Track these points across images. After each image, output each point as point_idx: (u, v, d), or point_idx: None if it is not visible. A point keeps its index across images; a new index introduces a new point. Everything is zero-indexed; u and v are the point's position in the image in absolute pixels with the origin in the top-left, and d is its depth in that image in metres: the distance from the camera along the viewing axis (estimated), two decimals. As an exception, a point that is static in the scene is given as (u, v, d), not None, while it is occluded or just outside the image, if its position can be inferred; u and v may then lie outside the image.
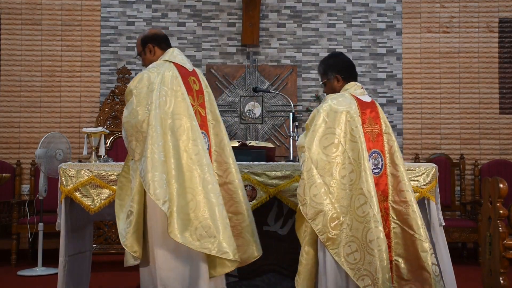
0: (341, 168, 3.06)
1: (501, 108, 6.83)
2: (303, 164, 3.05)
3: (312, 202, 2.99)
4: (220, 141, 3.36)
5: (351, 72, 3.37)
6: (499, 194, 3.70)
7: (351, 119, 3.13)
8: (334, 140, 3.07)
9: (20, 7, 6.76)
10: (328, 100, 3.18)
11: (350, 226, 3.01)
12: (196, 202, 3.03)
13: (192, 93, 3.28)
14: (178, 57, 3.36)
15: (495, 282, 3.68)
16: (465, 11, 6.90)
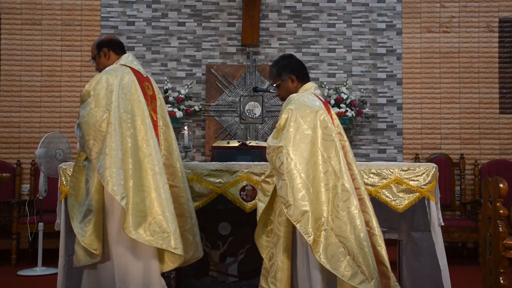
0: (319, 167, 3.05)
1: (501, 108, 6.83)
2: (283, 164, 3.00)
3: (297, 203, 2.95)
4: (169, 146, 3.51)
5: (304, 72, 3.40)
6: (499, 194, 3.70)
7: (322, 118, 3.15)
8: (309, 139, 3.07)
9: (20, 7, 6.76)
10: (297, 100, 3.18)
11: (334, 225, 3.00)
12: (150, 200, 3.18)
13: (146, 97, 3.43)
14: (134, 62, 3.50)
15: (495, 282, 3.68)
16: (465, 11, 6.90)
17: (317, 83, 6.77)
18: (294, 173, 2.98)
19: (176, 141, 3.58)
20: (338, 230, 2.98)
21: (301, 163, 3.01)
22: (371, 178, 4.02)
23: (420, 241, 4.16)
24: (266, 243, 3.24)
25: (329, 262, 2.93)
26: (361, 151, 6.78)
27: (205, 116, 6.75)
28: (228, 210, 4.25)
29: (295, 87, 3.34)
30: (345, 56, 6.89)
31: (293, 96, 3.22)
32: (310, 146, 3.06)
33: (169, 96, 6.58)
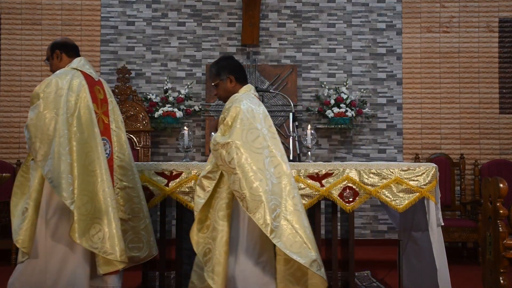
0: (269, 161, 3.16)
1: (501, 108, 6.83)
2: (233, 159, 3.08)
3: (251, 195, 3.03)
4: (122, 148, 3.62)
5: (243, 74, 3.49)
6: (499, 194, 3.70)
7: (266, 117, 3.30)
8: (259, 134, 3.18)
9: (20, 7, 6.76)
10: (241, 98, 3.28)
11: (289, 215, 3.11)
12: (92, 205, 3.29)
13: (96, 101, 3.54)
14: (86, 66, 3.59)
15: (495, 282, 3.68)
16: (465, 11, 6.90)
17: (317, 83, 6.79)
18: (246, 167, 3.06)
19: (127, 142, 3.71)
20: (295, 220, 3.10)
21: (252, 158, 3.09)
22: (371, 178, 4.02)
23: (420, 241, 4.17)
24: (201, 239, 3.28)
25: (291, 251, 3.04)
26: (361, 151, 6.78)
27: (205, 116, 6.75)
28: (228, 210, 4.25)
29: (233, 88, 3.43)
30: (345, 56, 6.89)
31: (237, 96, 3.31)
32: (259, 142, 3.15)
33: (169, 96, 6.58)
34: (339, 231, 4.42)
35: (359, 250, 5.10)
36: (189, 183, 3.93)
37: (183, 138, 4.48)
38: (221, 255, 3.14)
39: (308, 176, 4.00)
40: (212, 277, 3.14)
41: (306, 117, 6.80)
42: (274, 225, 3.01)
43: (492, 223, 3.75)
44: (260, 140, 3.15)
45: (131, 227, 3.52)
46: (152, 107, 6.54)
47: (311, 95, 6.84)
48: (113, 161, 3.53)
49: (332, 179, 4.01)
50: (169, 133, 6.68)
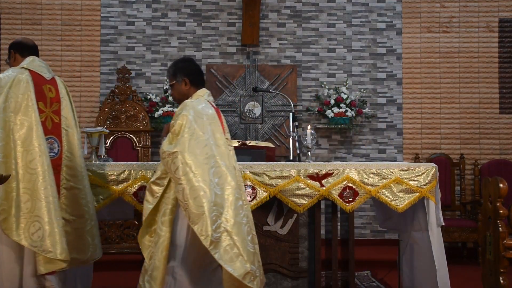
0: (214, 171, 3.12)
1: (501, 108, 6.83)
2: (178, 169, 3.05)
3: (194, 206, 3.01)
4: (72, 148, 3.61)
5: (199, 78, 3.45)
6: (499, 194, 3.71)
7: (215, 126, 3.25)
8: (205, 144, 3.14)
9: (20, 7, 6.76)
10: (192, 106, 3.23)
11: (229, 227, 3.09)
12: (32, 203, 3.28)
13: (45, 100, 3.52)
14: (36, 65, 3.56)
15: (495, 282, 3.68)
16: (465, 11, 6.90)
17: (317, 83, 6.79)
18: (190, 177, 3.04)
19: (80, 143, 3.71)
20: (235, 231, 3.09)
21: (197, 167, 3.06)
22: (371, 178, 4.02)
23: (420, 241, 4.17)
24: (149, 242, 3.26)
25: (226, 263, 3.03)
26: (361, 151, 6.78)
27: (205, 116, 6.74)
28: (228, 210, 4.25)
29: (188, 91, 3.39)
30: (345, 56, 6.89)
31: (188, 103, 3.27)
32: (205, 151, 3.12)
33: (169, 96, 6.58)
34: (339, 231, 4.42)
35: (359, 250, 5.10)
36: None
37: (183, 138, 4.47)
38: (160, 260, 3.13)
39: (308, 176, 4.00)
40: (150, 282, 3.14)
41: (306, 117, 6.80)
42: (214, 236, 3.00)
43: (492, 223, 3.75)
44: (206, 150, 3.11)
45: (75, 229, 3.49)
46: (152, 107, 6.54)
47: (311, 95, 6.84)
48: (61, 160, 3.51)
49: (332, 179, 4.01)
50: (169, 133, 6.67)
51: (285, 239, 4.30)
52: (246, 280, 3.04)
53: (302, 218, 4.33)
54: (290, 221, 4.31)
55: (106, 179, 3.87)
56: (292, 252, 4.30)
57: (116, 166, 3.94)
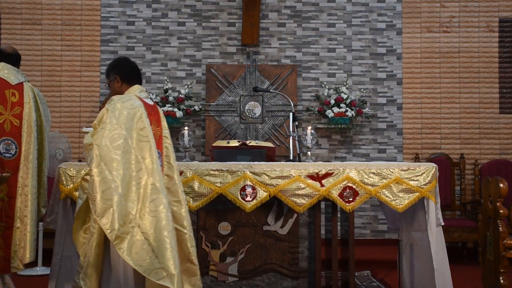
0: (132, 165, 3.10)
1: (501, 108, 6.83)
2: (92, 161, 3.06)
3: (102, 199, 3.00)
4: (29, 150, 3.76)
5: (132, 75, 3.49)
6: (499, 193, 3.71)
7: (139, 120, 3.22)
8: (122, 138, 3.11)
9: (20, 7, 6.76)
10: (115, 100, 3.24)
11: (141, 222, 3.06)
12: None
13: (5, 104, 3.73)
14: (4, 71, 3.78)
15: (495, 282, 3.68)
16: (465, 11, 6.90)
17: (317, 83, 6.79)
18: (102, 169, 3.03)
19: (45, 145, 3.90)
20: (145, 227, 3.05)
21: (111, 160, 3.05)
22: (371, 178, 4.02)
23: (420, 241, 4.17)
24: (83, 239, 3.26)
25: (133, 259, 3.00)
26: (361, 151, 6.78)
27: (205, 116, 6.75)
28: (228, 210, 4.26)
29: (120, 88, 3.42)
30: (345, 56, 6.89)
31: (114, 98, 3.29)
32: (123, 145, 3.10)
33: (169, 96, 6.58)
34: (339, 231, 4.42)
35: (359, 250, 5.10)
36: (189, 183, 3.94)
37: (183, 138, 4.48)
38: (93, 256, 3.12)
39: (308, 176, 4.00)
40: (84, 279, 3.13)
41: (306, 117, 6.80)
42: (121, 231, 2.98)
43: (492, 223, 3.75)
44: (123, 143, 3.09)
45: None
46: (152, 107, 6.54)
47: (311, 95, 6.84)
48: (19, 161, 3.70)
49: (332, 179, 4.01)
50: (169, 133, 6.67)
51: (285, 239, 4.31)
52: (154, 277, 3.00)
53: (302, 218, 4.33)
54: (290, 221, 4.31)
55: None
56: (292, 252, 4.31)
57: (116, 166, 3.93)
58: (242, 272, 4.26)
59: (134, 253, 3.00)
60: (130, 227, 3.01)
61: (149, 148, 3.17)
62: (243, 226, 4.30)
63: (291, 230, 4.31)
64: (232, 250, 4.28)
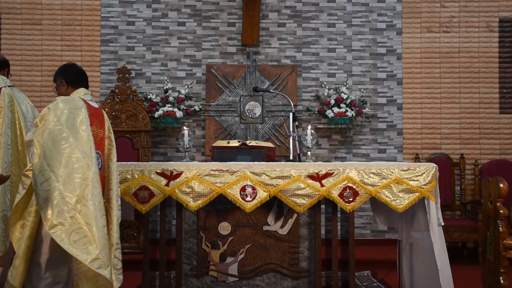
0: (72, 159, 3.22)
1: (501, 108, 6.83)
2: (33, 156, 3.21)
3: (42, 191, 3.13)
4: None
5: (78, 79, 3.61)
6: (499, 193, 3.71)
7: (80, 119, 3.35)
8: (63, 134, 3.25)
9: (20, 7, 6.76)
10: (58, 101, 3.38)
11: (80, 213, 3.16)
12: None
13: None
14: None
15: (495, 282, 3.68)
16: (465, 11, 6.90)
17: (317, 83, 6.80)
18: (42, 165, 3.16)
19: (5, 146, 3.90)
20: (86, 218, 3.16)
21: (50, 155, 3.18)
22: (371, 178, 4.02)
23: (420, 241, 4.17)
24: (19, 234, 3.36)
25: (72, 247, 3.10)
26: (361, 151, 6.78)
27: (205, 116, 6.75)
28: (228, 210, 4.26)
29: (66, 91, 3.56)
30: (345, 56, 6.89)
31: (58, 98, 3.43)
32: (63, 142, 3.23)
33: (169, 96, 6.58)
34: (339, 231, 4.42)
35: (359, 250, 5.11)
36: (189, 183, 3.94)
37: (183, 138, 4.48)
38: (22, 249, 3.22)
39: (308, 176, 4.00)
40: (12, 270, 3.22)
41: (306, 117, 6.80)
42: (58, 221, 3.09)
43: (492, 223, 3.76)
44: (62, 140, 3.22)
45: None
46: (152, 107, 6.55)
47: (311, 95, 6.84)
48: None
49: (332, 179, 4.01)
50: (169, 133, 6.68)
51: (285, 239, 4.31)
52: (94, 266, 3.09)
53: (302, 218, 4.33)
54: (290, 221, 4.31)
55: None
56: (292, 252, 4.31)
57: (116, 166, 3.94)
58: (242, 272, 4.27)
59: (73, 241, 3.10)
60: (68, 217, 3.11)
61: (88, 146, 3.30)
62: (243, 226, 4.30)
63: (291, 230, 4.31)
64: (232, 250, 4.28)
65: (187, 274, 4.27)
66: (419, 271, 4.20)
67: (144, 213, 4.01)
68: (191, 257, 4.29)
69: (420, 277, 4.19)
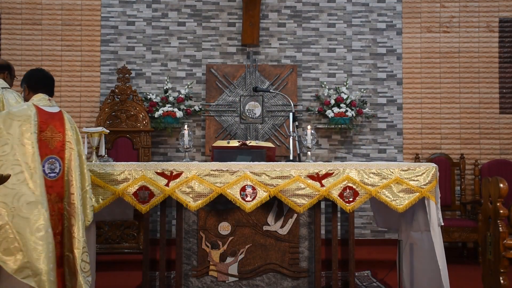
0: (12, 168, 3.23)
1: (501, 108, 6.83)
2: None
3: None
4: None
5: (38, 85, 3.67)
6: (499, 194, 3.71)
7: (26, 127, 3.36)
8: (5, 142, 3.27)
9: (20, 7, 6.76)
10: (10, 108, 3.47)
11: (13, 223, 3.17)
12: None
13: None
14: None
15: (495, 282, 3.68)
16: (465, 11, 6.90)
17: (317, 83, 6.79)
18: None
19: None
20: (17, 227, 3.17)
21: None
22: (371, 178, 4.02)
23: (420, 241, 4.17)
24: None
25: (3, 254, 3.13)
26: (361, 151, 6.78)
27: (205, 116, 6.75)
28: (228, 210, 4.26)
29: (28, 96, 3.65)
30: (345, 56, 6.89)
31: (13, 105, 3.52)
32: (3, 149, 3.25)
33: (169, 96, 6.58)
34: (339, 231, 4.42)
35: (359, 250, 5.10)
36: (189, 183, 3.94)
37: (183, 138, 4.48)
38: None
39: (308, 176, 4.00)
40: None
41: (306, 117, 6.80)
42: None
43: (492, 223, 3.76)
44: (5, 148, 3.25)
45: None
46: (152, 107, 6.55)
47: (311, 95, 6.84)
48: None
49: (332, 179, 4.01)
50: (169, 133, 6.68)
51: (285, 239, 4.31)
52: (20, 276, 3.12)
53: (302, 218, 4.33)
54: (290, 221, 4.31)
55: (106, 179, 3.88)
56: (292, 252, 4.31)
57: (116, 166, 3.94)
58: (242, 272, 4.27)
59: (3, 250, 3.13)
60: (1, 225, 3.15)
61: (31, 153, 3.31)
62: (243, 226, 4.30)
63: (291, 230, 4.31)
64: (232, 250, 4.28)
65: (187, 274, 4.27)
66: (419, 271, 4.20)
67: (144, 213, 4.01)
68: (191, 257, 4.29)
69: (420, 277, 4.19)
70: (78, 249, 3.40)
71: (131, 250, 5.94)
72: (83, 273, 3.38)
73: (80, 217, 3.43)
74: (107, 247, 5.98)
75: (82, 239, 3.41)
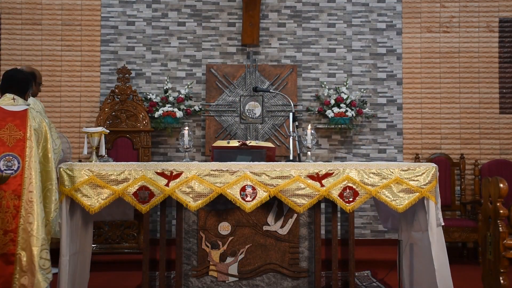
0: None
1: (501, 108, 6.83)
2: None
3: None
4: None
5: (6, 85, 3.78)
6: (499, 194, 3.71)
7: None
8: None
9: (20, 7, 6.76)
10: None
11: None
12: None
13: None
14: None
15: (495, 282, 3.68)
16: (465, 11, 6.90)
17: (317, 83, 6.80)
18: None
19: None
20: None
21: None
22: (371, 178, 4.02)
23: (420, 241, 4.17)
24: None
25: None
26: (361, 151, 6.78)
27: (205, 116, 6.75)
28: (228, 210, 4.26)
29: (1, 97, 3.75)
30: (345, 56, 6.89)
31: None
32: None
33: (169, 96, 6.58)
34: (339, 231, 4.42)
35: (359, 250, 5.10)
36: (189, 183, 3.93)
37: (183, 138, 4.48)
38: None
39: (308, 176, 4.00)
40: None
41: (306, 117, 6.80)
42: None
43: (492, 223, 3.76)
44: None
45: None
46: (152, 107, 6.55)
47: (311, 95, 6.84)
48: None
49: (332, 179, 4.01)
50: (169, 133, 6.68)
51: (285, 239, 4.31)
52: None
53: (302, 218, 4.33)
54: (290, 221, 4.31)
55: (106, 179, 3.88)
56: (292, 252, 4.31)
57: (116, 166, 3.94)
58: (242, 272, 4.27)
59: None
60: None
61: None
62: (243, 226, 4.30)
63: (291, 230, 4.31)
64: (232, 250, 4.28)
65: (187, 274, 4.27)
66: (419, 271, 4.20)
67: (144, 213, 4.01)
68: (191, 257, 4.29)
69: (420, 277, 4.19)
70: (37, 246, 3.45)
71: (131, 250, 5.94)
72: (42, 270, 3.44)
73: (40, 215, 3.47)
74: (107, 247, 5.98)
75: (41, 236, 3.47)
